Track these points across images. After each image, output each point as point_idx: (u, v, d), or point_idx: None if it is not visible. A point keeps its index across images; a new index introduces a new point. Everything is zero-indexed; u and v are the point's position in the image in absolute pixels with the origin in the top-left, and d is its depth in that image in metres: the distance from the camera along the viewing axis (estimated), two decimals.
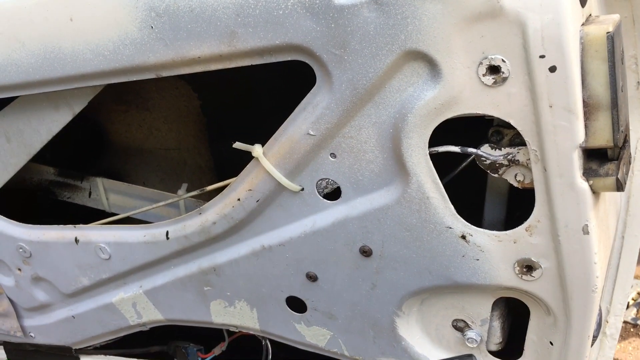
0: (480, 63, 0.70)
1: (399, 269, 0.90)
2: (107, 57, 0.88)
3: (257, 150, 0.89)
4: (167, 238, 1.05)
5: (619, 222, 0.99)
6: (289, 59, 0.81)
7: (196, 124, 1.35)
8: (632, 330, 2.25)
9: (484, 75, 0.70)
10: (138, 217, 1.24)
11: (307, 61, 0.80)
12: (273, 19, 0.77)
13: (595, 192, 0.74)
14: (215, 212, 0.98)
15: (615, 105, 0.68)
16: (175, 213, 1.22)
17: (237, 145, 0.90)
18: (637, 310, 2.25)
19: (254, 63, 0.83)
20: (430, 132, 0.77)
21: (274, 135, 0.88)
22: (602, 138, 0.70)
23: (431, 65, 0.72)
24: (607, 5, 0.81)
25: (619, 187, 0.71)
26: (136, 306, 1.20)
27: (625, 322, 2.20)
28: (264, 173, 0.90)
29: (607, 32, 0.66)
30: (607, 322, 1.07)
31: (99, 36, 0.87)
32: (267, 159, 0.89)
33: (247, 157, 0.90)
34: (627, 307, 2.26)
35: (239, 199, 0.95)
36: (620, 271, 1.03)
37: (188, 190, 1.15)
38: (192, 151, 1.38)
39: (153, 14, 0.82)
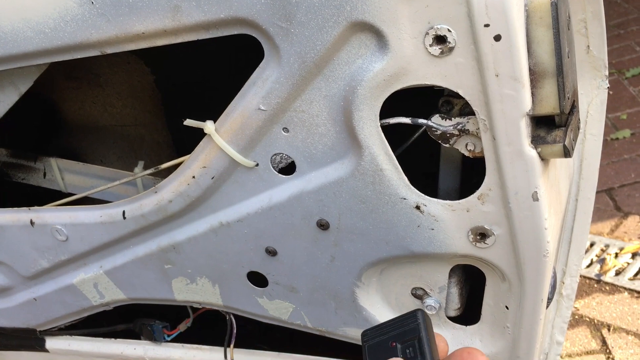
0: (427, 33, 0.69)
1: (356, 240, 0.90)
2: (49, 34, 0.85)
3: (208, 126, 0.87)
4: (124, 218, 1.04)
5: (572, 186, 1.00)
6: (236, 32, 0.79)
7: (152, 99, 1.33)
8: (595, 286, 2.31)
9: (430, 45, 0.69)
10: (97, 197, 1.22)
11: (254, 35, 0.78)
12: None
13: (543, 159, 0.74)
14: (171, 190, 0.97)
15: (561, 72, 0.68)
16: (133, 191, 1.20)
17: (188, 122, 0.88)
18: (601, 267, 2.30)
19: (200, 38, 0.81)
20: (380, 104, 0.76)
21: (225, 111, 0.86)
22: (549, 105, 0.70)
23: (378, 36, 0.71)
24: None
25: (567, 153, 0.72)
26: (98, 286, 1.19)
27: (588, 278, 2.26)
28: (217, 150, 0.89)
29: None
30: (563, 283, 1.10)
31: (39, 13, 0.84)
32: (220, 135, 0.87)
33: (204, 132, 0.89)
34: (591, 263, 2.32)
35: (193, 177, 0.94)
36: (575, 234, 1.05)
37: (145, 168, 1.13)
38: (150, 127, 1.36)
39: None
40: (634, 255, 2.30)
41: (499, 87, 0.69)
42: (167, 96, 1.32)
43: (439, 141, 0.78)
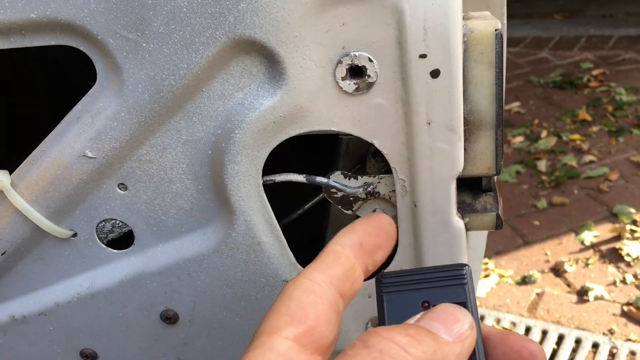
0: (340, 62, 0.51)
1: (216, 337, 0.67)
2: None
3: (1, 179, 0.59)
4: None
5: None
6: (53, 43, 0.53)
7: None
8: None
9: (343, 78, 0.51)
10: None
11: (81, 48, 0.53)
12: None
13: (467, 231, 0.59)
14: None
15: (501, 123, 0.54)
16: None
17: None
18: None
19: None
20: (265, 156, 0.55)
21: (29, 157, 0.59)
22: (483, 164, 0.56)
23: (271, 62, 0.51)
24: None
25: (499, 224, 0.58)
26: None
27: None
28: (12, 213, 0.61)
29: (496, 30, 0.51)
30: None
31: None
32: (19, 192, 0.60)
33: None
34: None
35: None
36: None
37: None
38: None
39: None
40: None
41: (430, 139, 0.52)
42: None
43: (339, 206, 0.59)
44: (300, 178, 0.58)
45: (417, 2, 0.48)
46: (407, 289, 0.43)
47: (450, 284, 0.43)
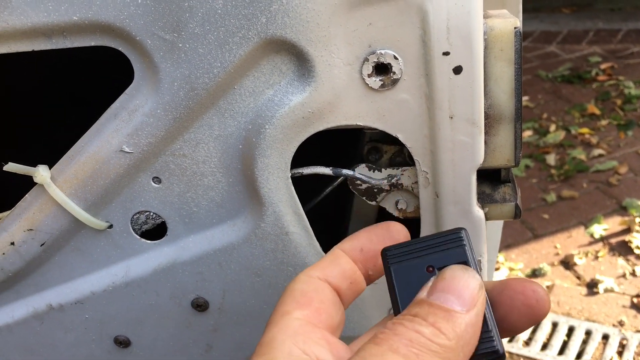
0: (366, 59, 0.53)
1: (244, 324, 0.70)
2: None
3: (41, 173, 0.62)
4: None
5: None
6: (93, 44, 0.56)
7: None
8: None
9: (369, 75, 0.54)
10: None
11: (120, 49, 0.56)
12: None
13: (487, 220, 0.62)
14: None
15: (519, 117, 0.57)
16: None
17: (10, 167, 0.62)
18: None
19: (37, 48, 0.57)
20: (294, 150, 0.58)
21: (68, 153, 0.62)
22: (502, 157, 0.58)
23: (300, 60, 0.54)
24: None
25: (518, 214, 0.60)
26: None
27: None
28: (52, 206, 0.64)
29: (515, 28, 0.54)
30: None
31: None
32: (58, 185, 0.62)
33: (29, 182, 0.63)
34: None
35: (12, 243, 0.66)
36: None
37: None
38: None
39: None
40: None
41: (452, 133, 0.55)
42: None
43: (364, 197, 0.62)
44: (327, 171, 0.60)
45: (440, 2, 0.50)
46: (411, 257, 0.46)
47: (450, 247, 0.45)
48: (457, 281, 0.42)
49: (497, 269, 2.44)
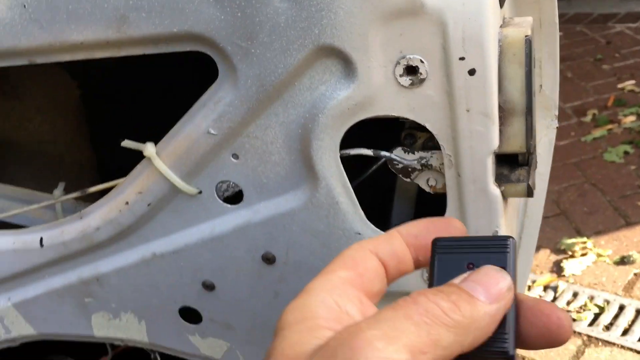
0: (398, 63, 0.66)
1: (304, 276, 0.85)
2: None
3: (149, 149, 0.80)
4: (42, 245, 0.93)
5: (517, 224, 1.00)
6: (188, 49, 0.73)
7: (75, 116, 1.22)
8: None
9: (401, 75, 0.66)
10: (7, 221, 1.09)
11: (208, 53, 0.72)
12: (171, 4, 0.68)
13: (505, 198, 0.73)
14: (99, 216, 0.88)
15: (530, 111, 0.67)
16: (49, 216, 1.09)
17: (126, 143, 0.80)
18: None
19: (147, 52, 0.74)
20: (342, 134, 0.72)
21: (169, 133, 0.79)
22: (516, 144, 0.69)
23: (346, 63, 0.68)
24: (517, 7, 0.81)
25: (530, 192, 0.71)
26: (4, 320, 1.06)
27: None
28: (156, 174, 0.82)
29: (526, 36, 0.64)
30: None
31: None
32: (161, 159, 0.80)
33: (136, 156, 0.81)
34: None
35: (127, 203, 0.85)
36: (519, 267, 1.04)
37: (66, 190, 1.03)
38: (71, 146, 1.24)
39: None
40: (545, 288, 2.38)
41: (469, 123, 0.67)
42: (94, 114, 1.22)
43: (400, 175, 0.75)
44: (369, 152, 0.74)
45: (457, 16, 0.62)
46: (457, 252, 0.49)
47: (494, 251, 0.48)
48: (488, 277, 0.43)
49: (583, 254, 2.44)
